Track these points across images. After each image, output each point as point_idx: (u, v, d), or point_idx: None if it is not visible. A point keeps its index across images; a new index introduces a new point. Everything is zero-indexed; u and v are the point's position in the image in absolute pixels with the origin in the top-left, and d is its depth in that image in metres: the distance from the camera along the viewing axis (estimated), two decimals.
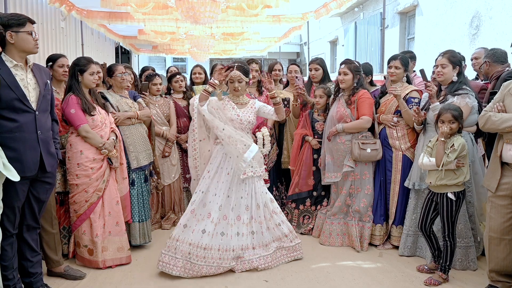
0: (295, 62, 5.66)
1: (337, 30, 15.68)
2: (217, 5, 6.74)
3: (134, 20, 8.45)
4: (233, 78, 3.84)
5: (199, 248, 3.64)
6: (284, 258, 3.92)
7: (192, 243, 3.64)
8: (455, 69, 3.73)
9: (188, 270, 3.60)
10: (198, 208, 3.76)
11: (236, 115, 3.86)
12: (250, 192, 3.87)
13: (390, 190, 4.24)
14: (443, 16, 9.19)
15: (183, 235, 3.68)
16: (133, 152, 4.20)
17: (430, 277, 3.52)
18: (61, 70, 3.95)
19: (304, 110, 4.90)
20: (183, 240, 3.66)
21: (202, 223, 3.71)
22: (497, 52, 4.32)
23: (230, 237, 3.73)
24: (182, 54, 15.09)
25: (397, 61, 4.16)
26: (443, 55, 3.78)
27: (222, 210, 3.77)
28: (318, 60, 5.02)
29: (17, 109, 2.88)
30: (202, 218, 3.73)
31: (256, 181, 3.90)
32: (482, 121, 3.17)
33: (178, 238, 3.67)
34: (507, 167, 3.08)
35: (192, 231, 3.69)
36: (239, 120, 3.86)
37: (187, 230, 3.70)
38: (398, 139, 4.18)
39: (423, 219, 3.60)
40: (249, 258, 3.77)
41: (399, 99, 4.01)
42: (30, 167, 2.93)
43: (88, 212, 3.72)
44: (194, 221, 3.73)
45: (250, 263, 3.76)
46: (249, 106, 3.99)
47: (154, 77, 4.96)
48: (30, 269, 3.18)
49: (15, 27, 2.89)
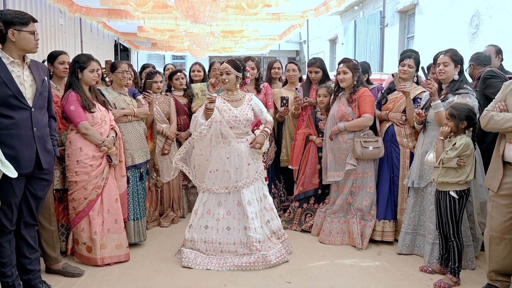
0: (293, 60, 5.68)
1: (336, 29, 15.68)
2: (217, 4, 6.74)
3: (134, 18, 8.44)
4: (221, 70, 3.87)
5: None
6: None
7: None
8: (456, 67, 3.71)
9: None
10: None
11: (233, 116, 3.87)
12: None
13: (398, 187, 4.27)
14: (443, 15, 9.19)
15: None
16: (128, 149, 4.18)
17: (440, 279, 3.46)
18: (61, 67, 3.93)
19: (304, 110, 4.90)
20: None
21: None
22: (480, 56, 4.61)
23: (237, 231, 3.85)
24: (182, 51, 15.10)
25: (411, 60, 4.16)
26: (445, 53, 3.75)
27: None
28: (317, 63, 4.94)
29: (13, 106, 2.87)
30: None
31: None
32: (484, 120, 3.16)
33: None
34: (509, 167, 3.08)
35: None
36: (236, 120, 3.87)
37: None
38: (406, 137, 4.21)
39: (438, 220, 3.59)
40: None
41: (407, 96, 4.01)
42: (26, 164, 2.92)
43: (87, 209, 3.71)
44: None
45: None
46: (246, 102, 3.98)
47: (155, 75, 4.95)
48: (28, 266, 3.17)
49: (18, 25, 2.88)
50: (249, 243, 3.77)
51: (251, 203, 3.84)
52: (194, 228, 3.90)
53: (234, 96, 3.97)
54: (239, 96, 3.99)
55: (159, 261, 3.93)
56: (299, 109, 4.86)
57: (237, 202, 3.88)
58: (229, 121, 3.86)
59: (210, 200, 3.91)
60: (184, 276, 3.62)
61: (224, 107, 3.90)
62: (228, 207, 3.88)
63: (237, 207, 3.87)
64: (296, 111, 4.89)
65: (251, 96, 4.07)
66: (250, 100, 4.01)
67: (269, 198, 4.10)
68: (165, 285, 3.48)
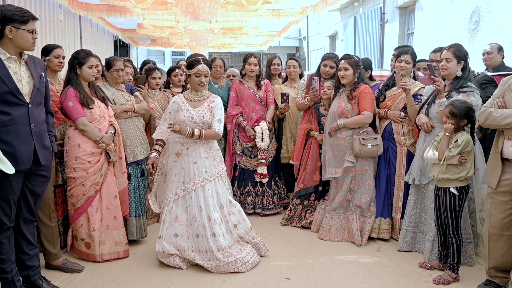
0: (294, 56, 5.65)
1: (336, 25, 15.63)
2: (217, 1, 6.72)
3: (133, 14, 8.42)
4: (200, 72, 3.64)
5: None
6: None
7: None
8: (459, 63, 3.63)
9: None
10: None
11: (189, 117, 3.66)
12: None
13: (394, 184, 4.26)
14: (443, 11, 9.17)
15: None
16: (129, 146, 4.18)
17: (439, 275, 3.47)
18: (56, 61, 3.90)
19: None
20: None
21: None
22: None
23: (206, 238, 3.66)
24: (181, 47, 15.05)
25: (408, 56, 4.13)
26: (448, 49, 3.65)
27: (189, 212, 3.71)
28: (335, 58, 4.69)
29: (10, 102, 2.85)
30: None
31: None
32: (482, 117, 3.14)
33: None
34: (507, 163, 3.07)
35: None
36: (193, 121, 3.66)
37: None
38: (403, 135, 4.20)
39: (437, 217, 3.59)
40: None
41: (408, 94, 3.99)
42: (24, 161, 2.91)
43: (86, 205, 3.71)
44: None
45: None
46: (206, 104, 3.75)
47: (154, 71, 4.94)
48: (27, 262, 3.17)
49: (17, 23, 2.85)
50: (217, 249, 3.63)
51: (214, 208, 3.70)
52: (164, 238, 3.70)
53: (198, 96, 3.76)
54: (203, 96, 3.77)
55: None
56: (314, 101, 4.63)
57: (200, 207, 3.67)
58: (184, 121, 3.66)
59: (175, 207, 3.73)
60: (184, 272, 3.62)
61: (182, 106, 3.72)
62: (194, 213, 3.67)
63: (200, 212, 3.66)
64: (310, 103, 4.65)
65: (214, 98, 3.80)
66: (213, 102, 3.77)
67: (234, 203, 3.92)
68: (165, 281, 3.48)
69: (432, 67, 3.80)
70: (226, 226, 3.76)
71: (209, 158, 3.76)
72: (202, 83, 3.69)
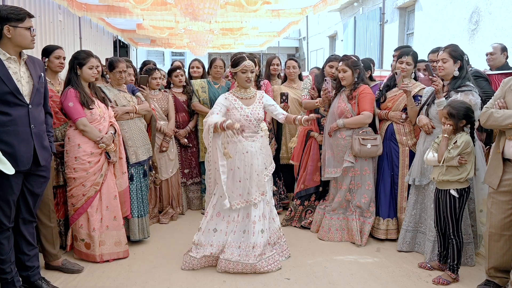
0: (293, 57, 5.64)
1: (336, 25, 15.63)
2: (216, 2, 6.73)
3: (133, 15, 8.43)
4: (246, 68, 3.68)
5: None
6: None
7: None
8: (456, 63, 3.65)
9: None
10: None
11: (245, 115, 3.69)
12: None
13: (398, 185, 4.26)
14: (442, 11, 9.17)
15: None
16: (131, 147, 4.18)
17: (439, 276, 3.47)
18: (57, 62, 3.90)
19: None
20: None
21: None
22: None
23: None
24: (181, 48, 15.07)
25: (410, 57, 4.12)
26: (444, 50, 3.70)
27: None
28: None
29: (10, 103, 2.85)
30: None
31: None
32: (484, 117, 3.14)
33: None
34: (509, 164, 3.08)
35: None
36: (248, 120, 3.71)
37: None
38: (405, 135, 4.20)
39: (436, 219, 3.59)
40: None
41: (409, 95, 3.99)
42: (24, 161, 2.91)
43: (85, 206, 3.71)
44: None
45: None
46: (257, 100, 3.81)
47: (154, 71, 4.94)
48: (27, 263, 3.17)
49: (14, 21, 2.85)
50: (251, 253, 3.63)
51: (260, 219, 3.72)
52: (202, 231, 3.72)
53: (247, 93, 3.78)
54: (252, 94, 3.81)
55: (158, 258, 3.93)
56: (327, 102, 4.49)
57: (246, 214, 3.72)
58: (240, 120, 3.66)
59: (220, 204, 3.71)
60: (184, 272, 3.62)
61: (235, 104, 3.72)
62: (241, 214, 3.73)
63: (246, 218, 3.71)
64: (321, 105, 4.56)
65: (262, 94, 3.88)
66: (262, 98, 3.84)
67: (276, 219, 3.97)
68: (164, 282, 3.47)
69: (430, 67, 3.82)
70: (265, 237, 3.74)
71: (265, 154, 3.81)
72: (249, 79, 3.71)
